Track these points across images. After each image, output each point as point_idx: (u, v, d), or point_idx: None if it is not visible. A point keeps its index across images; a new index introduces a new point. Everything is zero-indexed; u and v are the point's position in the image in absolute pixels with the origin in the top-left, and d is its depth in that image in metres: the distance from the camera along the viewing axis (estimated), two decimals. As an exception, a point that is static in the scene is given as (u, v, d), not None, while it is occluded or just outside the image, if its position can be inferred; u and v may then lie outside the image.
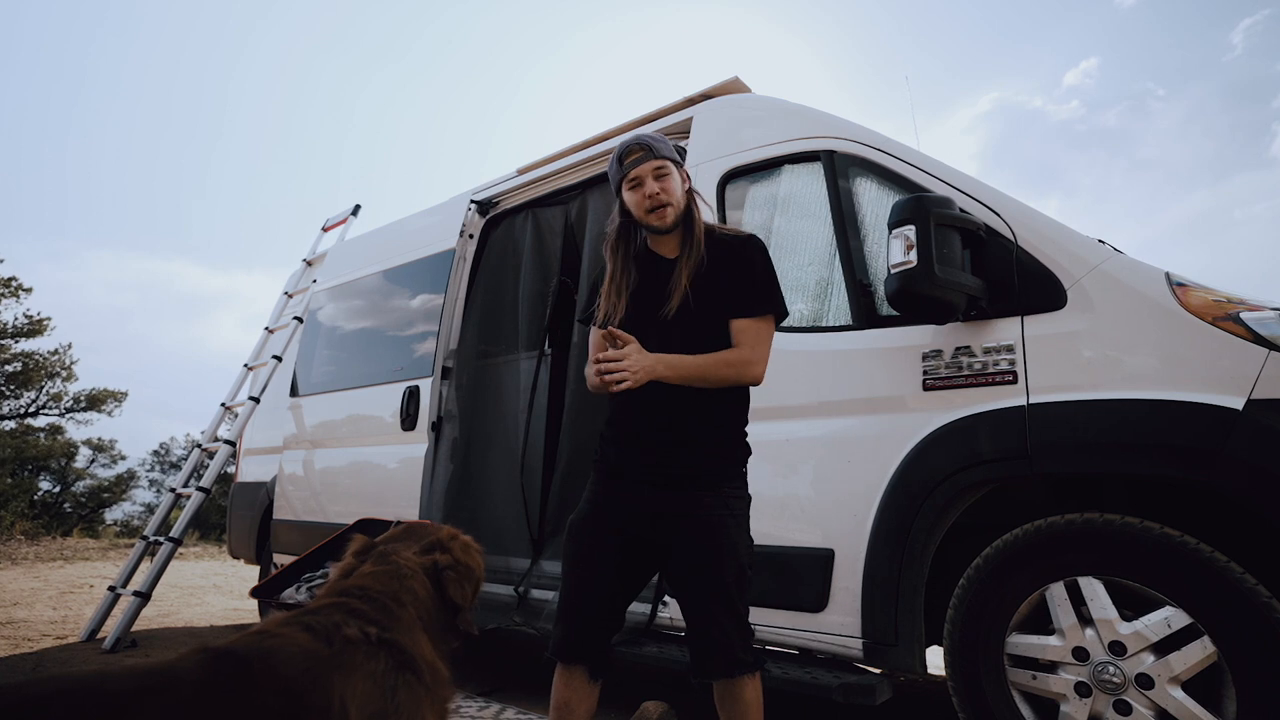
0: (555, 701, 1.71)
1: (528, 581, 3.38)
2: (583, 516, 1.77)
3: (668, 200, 1.74)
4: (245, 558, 5.32)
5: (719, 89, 3.28)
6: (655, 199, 1.74)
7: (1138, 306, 2.00)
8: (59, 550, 9.60)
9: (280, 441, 4.82)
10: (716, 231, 1.83)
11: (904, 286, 2.09)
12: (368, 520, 3.72)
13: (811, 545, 2.38)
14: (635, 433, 1.74)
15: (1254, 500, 1.75)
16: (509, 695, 3.20)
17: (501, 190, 4.02)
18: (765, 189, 2.86)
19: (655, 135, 1.82)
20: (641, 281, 1.79)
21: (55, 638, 4.31)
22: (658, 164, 1.75)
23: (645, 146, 1.76)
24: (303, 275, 5.73)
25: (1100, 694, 1.87)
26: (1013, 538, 2.04)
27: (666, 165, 1.76)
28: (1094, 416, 1.96)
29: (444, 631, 1.31)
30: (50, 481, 17.43)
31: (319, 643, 1.02)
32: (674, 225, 1.77)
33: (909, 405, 2.28)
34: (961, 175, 2.40)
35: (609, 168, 1.84)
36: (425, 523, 1.48)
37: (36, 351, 15.92)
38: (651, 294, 1.76)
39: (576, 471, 3.47)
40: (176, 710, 0.82)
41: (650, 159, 1.75)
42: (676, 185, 1.77)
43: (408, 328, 4.13)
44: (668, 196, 1.74)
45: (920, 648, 2.17)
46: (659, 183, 1.74)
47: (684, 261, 1.74)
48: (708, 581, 1.64)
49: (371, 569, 1.28)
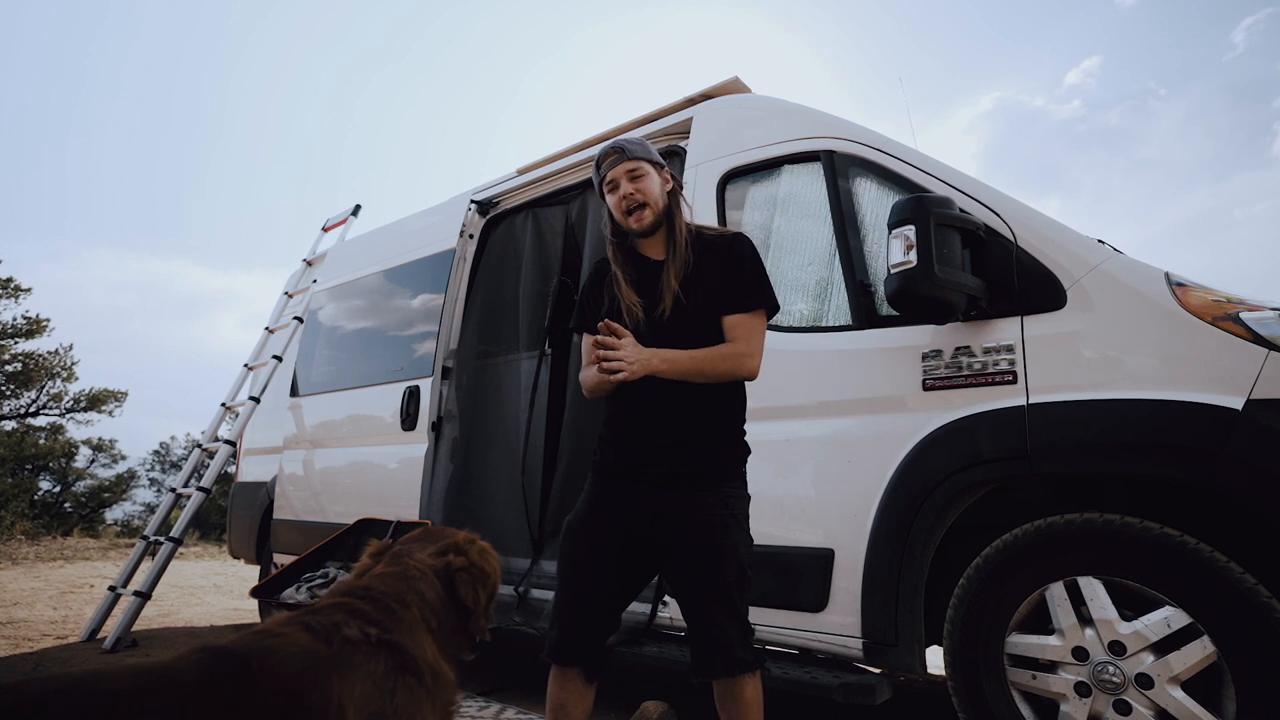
0: (551, 703, 1.71)
1: (528, 581, 3.39)
2: (581, 517, 1.76)
3: (643, 200, 1.76)
4: (245, 558, 5.32)
5: (719, 89, 3.28)
6: (630, 199, 1.76)
7: (1138, 306, 2.00)
8: (59, 550, 9.61)
9: (280, 441, 4.82)
10: (704, 232, 1.84)
11: (904, 286, 2.09)
12: (368, 520, 3.72)
13: (811, 545, 2.38)
14: (634, 433, 1.74)
15: (1254, 500, 1.75)
16: (509, 695, 3.20)
17: (501, 190, 4.02)
18: (765, 189, 2.86)
19: (632, 139, 1.84)
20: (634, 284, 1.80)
21: (55, 638, 4.31)
22: (631, 165, 1.77)
23: (619, 149, 1.79)
24: (303, 275, 5.73)
25: (1100, 694, 1.87)
26: (1013, 538, 2.04)
27: (641, 166, 1.78)
28: (1094, 416, 1.96)
29: (454, 635, 1.30)
30: (50, 481, 17.44)
31: (319, 643, 1.01)
32: (654, 226, 1.78)
33: (909, 405, 2.28)
34: (961, 175, 2.40)
35: (592, 174, 1.86)
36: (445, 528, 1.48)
37: (37, 351, 15.93)
38: (643, 296, 1.77)
39: (577, 471, 3.47)
40: (175, 710, 0.82)
41: (623, 161, 1.77)
42: (653, 186, 1.78)
43: (408, 328, 4.13)
44: (643, 197, 1.76)
45: (920, 648, 2.17)
46: (634, 184, 1.76)
47: (670, 262, 1.76)
48: (707, 581, 1.64)
49: (382, 570, 1.28)
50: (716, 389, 1.72)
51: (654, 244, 1.83)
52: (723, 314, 1.73)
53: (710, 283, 1.75)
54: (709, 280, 1.75)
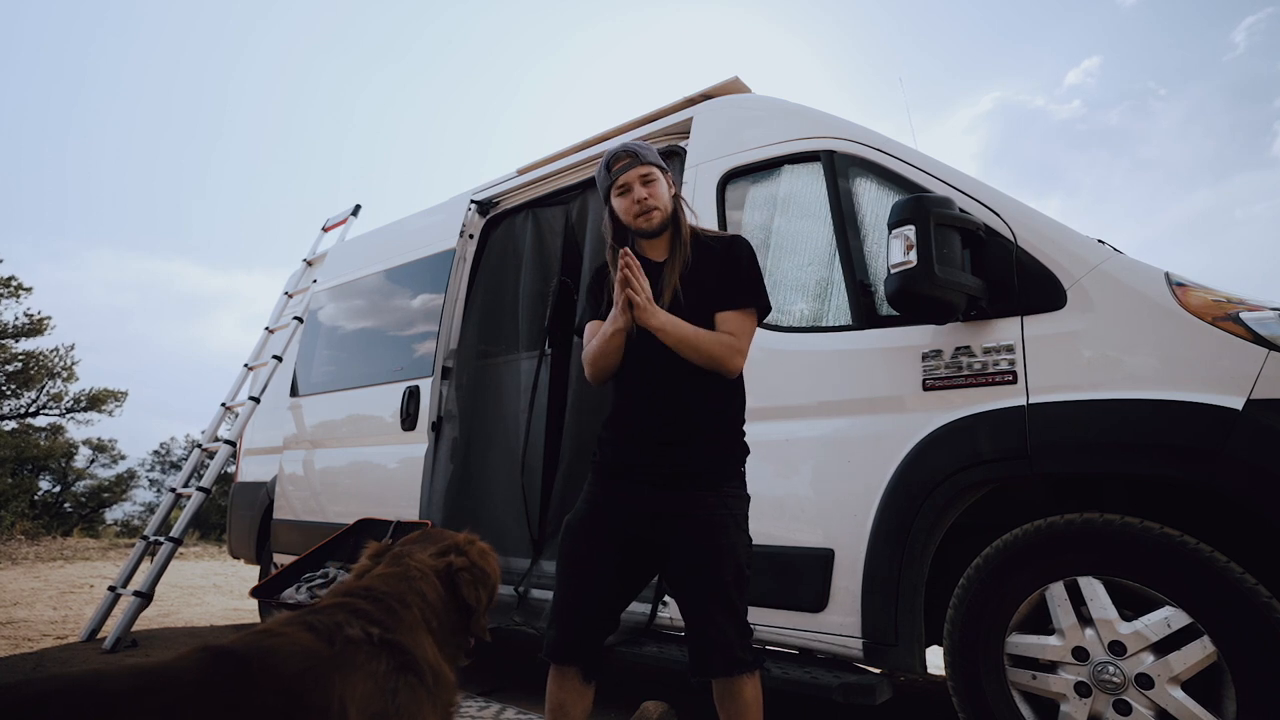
0: (550, 703, 1.72)
1: (528, 581, 3.39)
2: (580, 517, 1.77)
3: (655, 205, 1.80)
4: (245, 558, 5.32)
5: (719, 89, 3.28)
6: (644, 204, 1.79)
7: (1137, 306, 2.00)
8: (59, 550, 9.61)
9: (280, 441, 4.82)
10: (703, 235, 1.88)
11: (904, 286, 2.09)
12: (368, 520, 3.72)
13: (811, 545, 2.38)
14: (634, 433, 1.75)
15: (1254, 500, 1.75)
16: (509, 695, 3.20)
17: (501, 190, 4.02)
18: (765, 189, 2.86)
19: (641, 143, 1.88)
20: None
21: (55, 638, 4.31)
22: (644, 170, 1.80)
23: (632, 153, 1.82)
24: (303, 275, 5.73)
25: (1100, 694, 1.87)
26: (1013, 538, 2.04)
27: (653, 171, 1.82)
28: (1094, 416, 1.96)
29: (454, 635, 1.31)
30: (50, 481, 17.44)
31: (320, 642, 1.01)
32: (661, 228, 1.82)
33: (909, 405, 2.28)
34: (961, 175, 2.40)
35: (597, 175, 1.89)
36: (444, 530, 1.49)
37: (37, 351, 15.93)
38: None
39: (577, 471, 3.47)
40: (175, 709, 0.82)
41: (637, 165, 1.80)
42: (663, 190, 1.82)
43: (408, 328, 4.13)
44: (655, 201, 1.80)
45: (920, 648, 2.17)
46: (646, 188, 1.80)
47: (672, 262, 1.80)
48: (706, 581, 1.64)
49: (383, 571, 1.28)
50: (718, 388, 1.73)
51: (656, 246, 1.86)
52: (717, 309, 1.76)
53: (708, 283, 1.78)
54: (707, 281, 1.78)
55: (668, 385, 1.71)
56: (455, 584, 1.32)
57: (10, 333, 15.68)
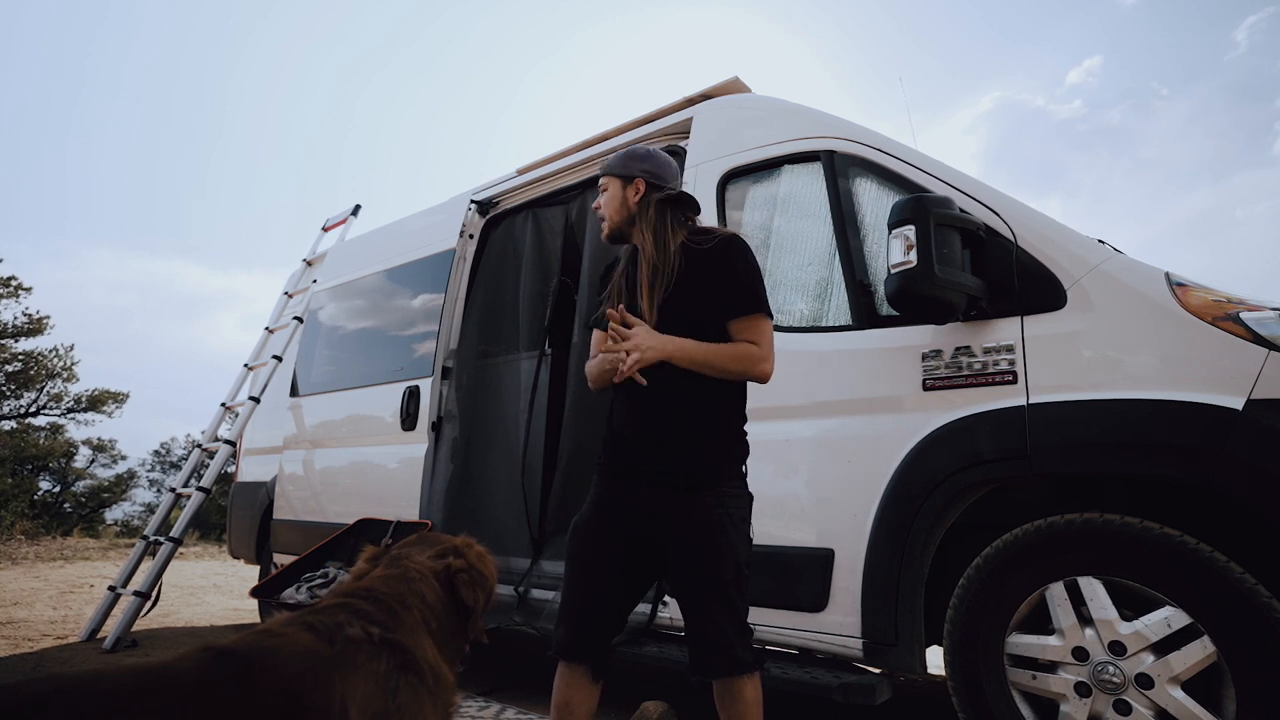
0: (556, 701, 1.72)
1: (528, 581, 3.39)
2: (586, 517, 1.78)
3: (602, 214, 1.89)
4: (245, 558, 5.32)
5: (719, 89, 3.28)
6: (596, 211, 1.90)
7: (1137, 306, 2.00)
8: (59, 550, 9.61)
9: (280, 441, 4.82)
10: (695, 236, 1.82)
11: (904, 286, 2.09)
12: (368, 520, 3.72)
13: (811, 545, 2.38)
14: (634, 432, 1.75)
15: (1254, 500, 1.75)
16: (509, 695, 3.20)
17: (501, 190, 4.02)
18: (765, 189, 2.86)
19: (628, 150, 1.92)
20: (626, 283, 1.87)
21: (55, 638, 4.31)
22: (602, 181, 1.91)
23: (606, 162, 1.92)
24: (303, 275, 5.73)
25: (1100, 694, 1.87)
26: (1013, 538, 2.04)
27: (604, 181, 1.90)
28: (1094, 416, 1.96)
29: (453, 636, 1.32)
30: (50, 481, 17.45)
31: (321, 642, 1.01)
32: (614, 236, 1.89)
33: (909, 405, 2.28)
34: (961, 175, 2.40)
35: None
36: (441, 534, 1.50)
37: (37, 350, 15.93)
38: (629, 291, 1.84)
39: (577, 471, 3.47)
40: (175, 710, 0.82)
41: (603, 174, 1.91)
42: (611, 199, 1.88)
43: (408, 328, 4.13)
44: (602, 210, 1.89)
45: (920, 648, 2.17)
46: (600, 198, 1.90)
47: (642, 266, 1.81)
48: (706, 581, 1.64)
49: (382, 572, 1.29)
50: (718, 388, 1.73)
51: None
52: (726, 319, 1.73)
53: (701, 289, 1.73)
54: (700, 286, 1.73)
55: (670, 384, 1.70)
56: (454, 586, 1.33)
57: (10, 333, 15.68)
